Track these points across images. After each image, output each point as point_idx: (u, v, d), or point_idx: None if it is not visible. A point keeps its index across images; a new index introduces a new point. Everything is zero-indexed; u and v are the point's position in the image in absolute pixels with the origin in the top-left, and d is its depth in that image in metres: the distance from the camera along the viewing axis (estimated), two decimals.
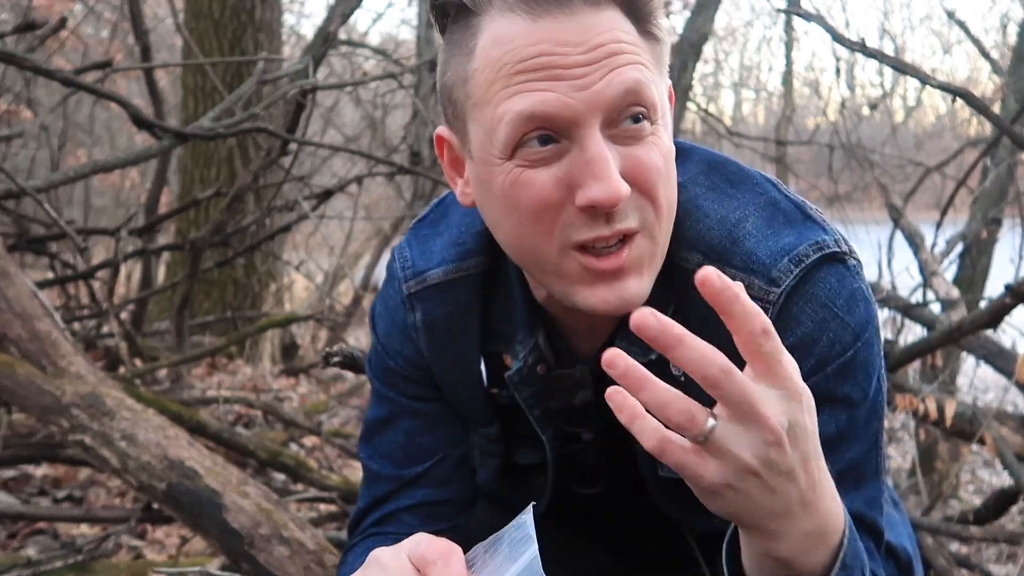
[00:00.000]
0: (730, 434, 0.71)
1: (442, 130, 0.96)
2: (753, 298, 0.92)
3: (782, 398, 0.72)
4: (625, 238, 0.88)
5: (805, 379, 0.94)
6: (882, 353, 1.00)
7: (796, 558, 0.78)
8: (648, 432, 0.72)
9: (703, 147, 1.06)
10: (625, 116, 0.85)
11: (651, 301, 0.98)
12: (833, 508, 0.78)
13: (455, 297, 1.07)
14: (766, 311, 0.92)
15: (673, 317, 0.97)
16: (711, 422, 0.71)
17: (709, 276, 0.69)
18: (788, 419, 0.71)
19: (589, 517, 1.28)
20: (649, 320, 0.69)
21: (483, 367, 1.09)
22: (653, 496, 1.15)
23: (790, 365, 0.73)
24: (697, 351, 0.69)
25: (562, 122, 0.83)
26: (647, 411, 0.72)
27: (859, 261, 0.99)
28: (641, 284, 0.90)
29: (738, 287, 0.69)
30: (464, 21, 0.88)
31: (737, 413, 0.70)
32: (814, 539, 0.78)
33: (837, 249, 0.96)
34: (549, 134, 0.84)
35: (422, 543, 0.77)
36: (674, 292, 0.99)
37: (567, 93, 0.82)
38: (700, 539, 1.22)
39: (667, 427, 0.72)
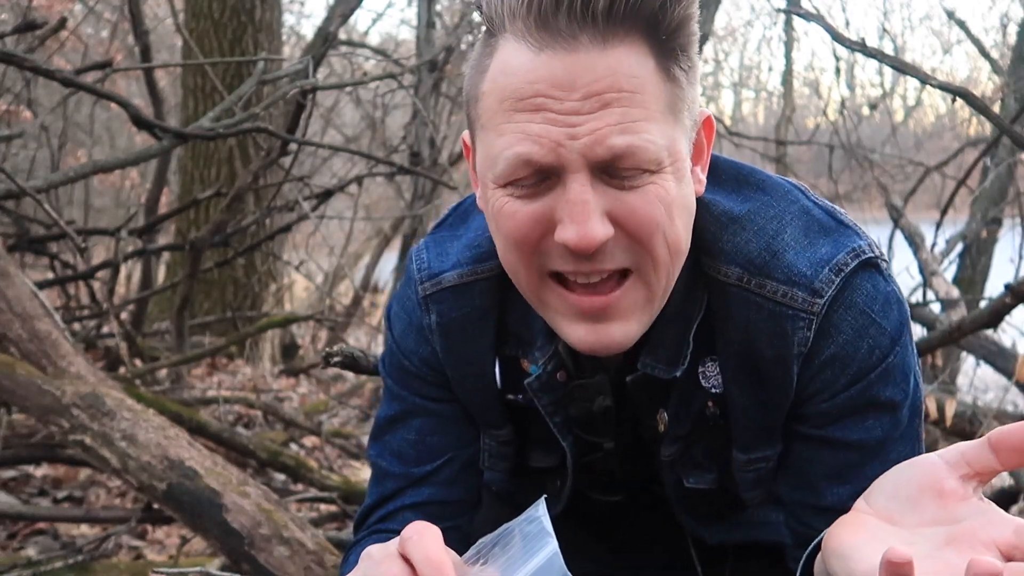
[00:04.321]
0: None
1: (466, 136, 0.98)
2: (796, 311, 0.94)
3: None
4: (622, 277, 0.88)
5: (847, 387, 0.96)
6: (915, 350, 1.01)
7: None
8: None
9: (727, 158, 1.06)
10: (616, 166, 0.84)
11: (677, 313, 0.99)
12: None
13: (470, 300, 1.07)
14: (810, 323, 0.94)
15: (701, 326, 0.99)
16: None
17: None
18: None
19: (599, 520, 1.28)
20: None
21: (497, 370, 1.09)
22: (673, 507, 1.15)
23: None
24: None
25: (553, 166, 0.84)
26: None
27: (888, 262, 1.00)
28: (627, 330, 0.90)
29: None
30: (487, 37, 0.89)
31: None
32: None
33: (872, 254, 0.96)
34: (537, 171, 0.85)
35: (404, 531, 0.77)
36: (703, 303, 0.99)
37: (560, 140, 0.82)
38: (699, 546, 1.22)
39: None
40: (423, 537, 0.75)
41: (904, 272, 3.81)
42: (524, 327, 1.06)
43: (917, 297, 3.56)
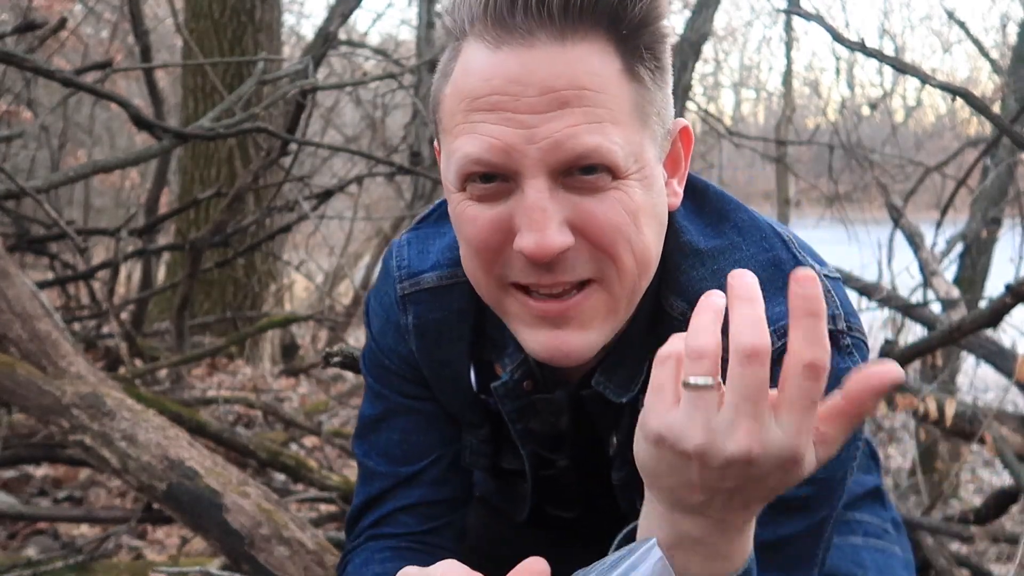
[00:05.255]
0: (711, 411, 0.66)
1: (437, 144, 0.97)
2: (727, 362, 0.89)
3: (785, 435, 0.65)
4: (581, 285, 0.85)
5: None
6: (858, 444, 0.92)
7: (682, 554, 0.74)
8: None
9: (719, 190, 1.01)
10: (577, 168, 0.81)
11: (638, 340, 0.96)
12: (740, 545, 0.75)
13: (448, 303, 1.05)
14: None
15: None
16: (709, 380, 0.66)
17: (808, 279, 0.64)
18: (765, 451, 0.65)
19: (559, 535, 1.27)
20: (747, 277, 0.66)
21: (472, 373, 1.07)
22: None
23: (803, 435, 0.66)
24: (761, 321, 0.65)
25: (508, 169, 0.82)
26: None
27: (859, 340, 0.92)
28: (586, 339, 0.86)
29: (822, 307, 0.64)
30: (453, 43, 0.87)
31: (737, 400, 0.65)
32: (703, 551, 0.74)
33: (831, 327, 0.88)
34: (494, 173, 0.83)
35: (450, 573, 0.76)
36: (658, 337, 0.96)
37: (514, 143, 0.80)
38: None
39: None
40: None
41: (904, 272, 3.81)
42: (499, 332, 1.03)
43: (917, 297, 3.56)
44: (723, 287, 0.88)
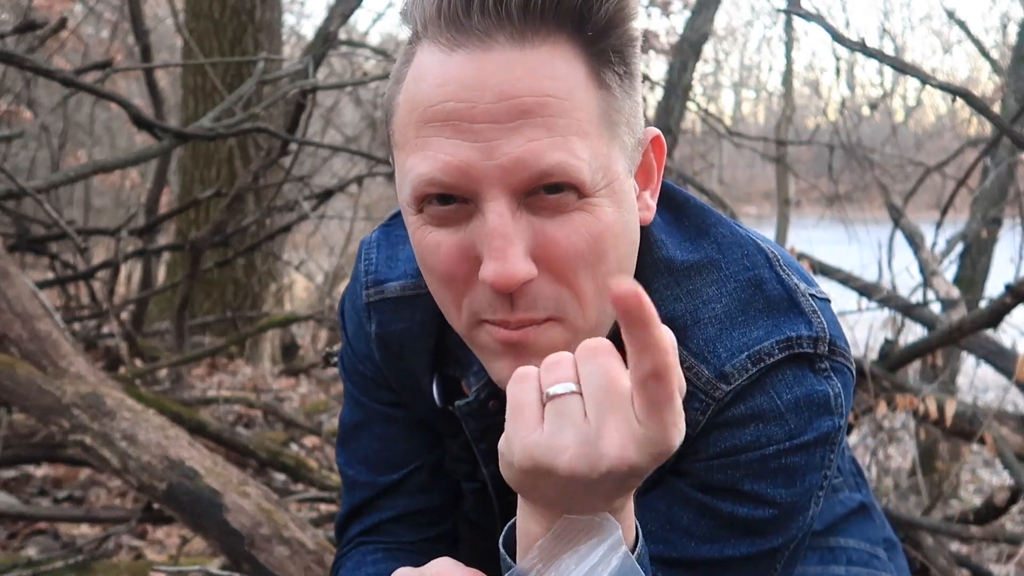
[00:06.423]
0: (578, 422, 0.63)
1: None
2: (697, 389, 0.84)
3: (652, 431, 0.62)
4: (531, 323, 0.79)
5: (714, 457, 0.85)
6: (825, 471, 0.88)
7: None
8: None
9: (700, 202, 0.95)
10: (539, 186, 0.75)
11: None
12: (624, 524, 0.72)
13: (411, 315, 1.01)
14: (706, 408, 0.85)
15: None
16: (570, 386, 0.64)
17: (627, 291, 0.58)
18: (639, 450, 0.63)
19: None
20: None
21: (435, 388, 1.04)
22: None
23: (672, 428, 0.63)
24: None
25: (466, 190, 0.75)
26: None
27: (840, 364, 0.88)
28: None
29: (652, 314, 0.59)
30: (407, 46, 0.81)
31: (595, 395, 0.62)
32: None
33: (810, 350, 0.85)
34: (451, 195, 0.76)
35: (445, 571, 0.76)
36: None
37: (471, 160, 0.73)
38: None
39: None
40: None
41: (904, 272, 3.81)
42: (462, 349, 0.97)
43: (917, 297, 3.56)
44: (697, 308, 0.87)
